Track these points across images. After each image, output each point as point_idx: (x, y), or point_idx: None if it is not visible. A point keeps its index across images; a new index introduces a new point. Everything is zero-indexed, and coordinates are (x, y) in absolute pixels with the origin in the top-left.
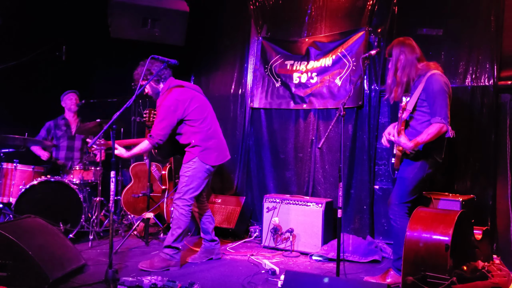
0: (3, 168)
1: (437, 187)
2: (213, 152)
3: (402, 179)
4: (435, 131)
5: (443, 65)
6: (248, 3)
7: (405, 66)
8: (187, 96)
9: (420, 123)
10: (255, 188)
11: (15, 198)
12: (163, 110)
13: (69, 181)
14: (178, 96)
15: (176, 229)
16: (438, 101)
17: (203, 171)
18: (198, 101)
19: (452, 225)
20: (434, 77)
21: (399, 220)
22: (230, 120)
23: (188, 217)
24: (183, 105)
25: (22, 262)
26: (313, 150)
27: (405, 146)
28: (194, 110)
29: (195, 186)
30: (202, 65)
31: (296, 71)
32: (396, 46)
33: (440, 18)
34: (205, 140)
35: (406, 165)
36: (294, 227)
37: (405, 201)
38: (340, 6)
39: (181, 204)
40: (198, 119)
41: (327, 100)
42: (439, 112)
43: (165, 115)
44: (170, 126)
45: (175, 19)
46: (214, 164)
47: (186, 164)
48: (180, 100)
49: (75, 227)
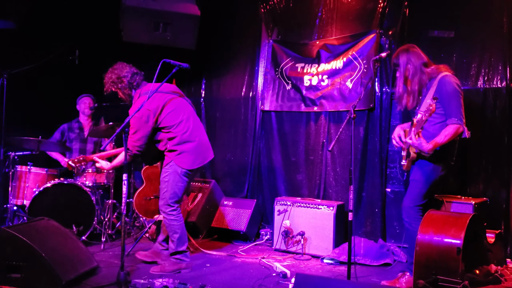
0: (17, 171)
1: (450, 190)
2: (190, 155)
3: (415, 182)
4: (452, 131)
5: (455, 67)
6: (259, 6)
7: (414, 74)
8: (158, 103)
9: (433, 125)
10: (266, 191)
11: (29, 201)
12: (135, 121)
13: (82, 183)
14: (148, 105)
15: (173, 235)
16: (453, 102)
17: (180, 174)
18: (172, 106)
19: (464, 228)
20: (446, 79)
21: (414, 223)
22: (241, 122)
23: (180, 220)
24: (154, 114)
25: (35, 264)
26: (324, 153)
27: (424, 148)
28: (167, 116)
29: (176, 191)
30: (213, 68)
31: (307, 74)
32: (401, 55)
33: (452, 20)
34: (180, 143)
35: (419, 168)
36: (305, 230)
37: (419, 203)
38: (351, 9)
39: (166, 210)
40: (172, 124)
41: (338, 102)
42: (455, 113)
43: (138, 126)
44: (145, 136)
45: (186, 23)
46: (191, 168)
47: (163, 169)
48: (151, 110)
49: (87, 229)
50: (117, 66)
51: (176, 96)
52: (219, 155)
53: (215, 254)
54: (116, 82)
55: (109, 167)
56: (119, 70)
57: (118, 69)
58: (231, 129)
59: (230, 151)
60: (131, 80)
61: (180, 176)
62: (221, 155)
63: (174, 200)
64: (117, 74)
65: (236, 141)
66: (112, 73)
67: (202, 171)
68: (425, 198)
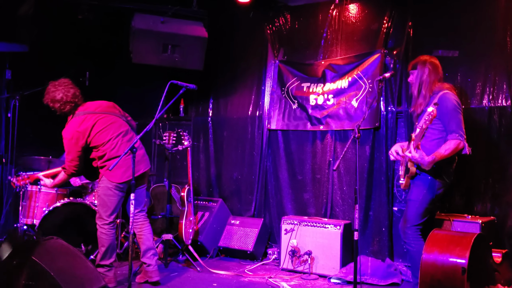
0: (28, 190)
1: (456, 209)
2: (118, 169)
3: (411, 202)
4: (452, 147)
5: (460, 86)
6: (265, 27)
7: (430, 82)
8: (88, 125)
9: (430, 141)
10: (273, 210)
11: (38, 220)
12: (66, 143)
13: (91, 203)
14: (77, 127)
15: (100, 248)
16: (454, 118)
17: (111, 188)
18: (101, 125)
19: (469, 248)
20: (447, 96)
21: (414, 243)
22: (248, 141)
23: (109, 235)
24: (83, 135)
25: (45, 282)
26: (331, 172)
27: (423, 161)
28: (96, 136)
29: (109, 205)
30: (220, 88)
31: (312, 93)
32: (423, 62)
33: (456, 40)
34: (109, 159)
35: (415, 187)
36: (312, 249)
37: (416, 223)
38: (356, 29)
39: (99, 223)
40: (101, 143)
41: (344, 121)
42: (456, 129)
43: (69, 148)
44: (76, 157)
45: (194, 45)
46: (120, 181)
47: (98, 184)
48: (80, 131)
49: (96, 248)
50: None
51: (107, 115)
52: (226, 174)
53: (222, 273)
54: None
55: (52, 184)
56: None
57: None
58: (238, 148)
59: (237, 170)
60: (62, 107)
61: (112, 190)
62: (228, 174)
63: (107, 214)
64: (51, 97)
65: (243, 159)
66: (48, 94)
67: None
68: (422, 218)
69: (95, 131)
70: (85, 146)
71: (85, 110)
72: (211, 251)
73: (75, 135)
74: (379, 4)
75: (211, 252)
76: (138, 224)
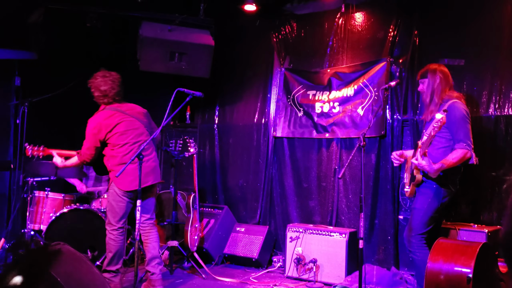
0: (35, 196)
1: (463, 218)
2: (127, 177)
3: (416, 210)
4: (460, 155)
5: (466, 95)
6: (271, 36)
7: (441, 90)
8: (113, 121)
9: (436, 149)
10: (278, 217)
11: (45, 226)
12: (88, 130)
13: (97, 209)
14: (103, 120)
15: (108, 253)
16: (462, 128)
17: (119, 195)
18: (125, 127)
19: (474, 257)
20: (456, 105)
21: (419, 251)
22: (254, 148)
23: (118, 241)
24: (105, 129)
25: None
26: (337, 179)
27: (430, 168)
28: (116, 135)
29: (117, 210)
30: (226, 96)
31: (318, 101)
32: (433, 71)
33: (462, 48)
34: (119, 164)
35: (420, 195)
36: (318, 257)
37: (421, 232)
38: (362, 38)
39: (108, 228)
40: (118, 144)
41: (349, 129)
42: (464, 139)
43: (89, 136)
44: (93, 147)
45: (201, 52)
46: (128, 189)
47: (108, 189)
48: (103, 124)
49: (102, 254)
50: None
51: (134, 120)
52: (231, 181)
53: (227, 281)
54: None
55: (62, 164)
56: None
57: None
58: (244, 155)
59: (243, 177)
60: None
61: (120, 196)
62: (233, 181)
63: (116, 220)
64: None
65: (248, 167)
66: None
67: (215, 196)
68: (427, 226)
69: (116, 130)
70: (103, 141)
71: (117, 107)
72: (216, 258)
73: (97, 126)
74: (385, 12)
75: (216, 259)
76: (145, 232)
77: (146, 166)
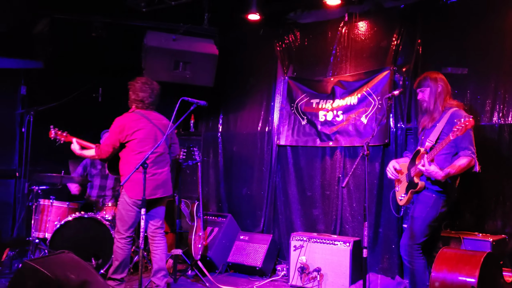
0: (40, 204)
1: (467, 227)
2: (137, 185)
3: (414, 219)
4: (466, 162)
5: (469, 103)
6: (275, 44)
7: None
8: (136, 125)
9: (437, 156)
10: (282, 226)
11: (50, 234)
12: (112, 128)
13: (101, 217)
14: (128, 121)
15: (114, 261)
16: (467, 135)
17: (129, 204)
18: (145, 134)
19: (478, 267)
20: (458, 113)
21: (416, 260)
22: (257, 157)
23: (125, 250)
24: (128, 130)
25: None
26: (340, 188)
27: (437, 174)
28: (135, 140)
29: (126, 219)
30: (230, 104)
31: (321, 109)
32: (434, 79)
33: (465, 57)
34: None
35: (418, 204)
36: (322, 266)
37: (419, 242)
38: (365, 47)
39: (117, 237)
40: (134, 149)
41: (353, 138)
42: (468, 146)
43: (111, 133)
44: (112, 144)
45: (205, 61)
46: (136, 197)
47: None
48: (127, 126)
49: (106, 262)
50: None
51: (156, 129)
52: (235, 189)
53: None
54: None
55: (79, 153)
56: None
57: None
58: (248, 163)
59: (247, 185)
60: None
61: (130, 205)
62: (237, 189)
63: (125, 228)
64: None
65: (252, 175)
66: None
67: (219, 205)
68: (424, 236)
69: (137, 136)
70: (122, 142)
71: (145, 113)
72: (220, 266)
73: (121, 126)
74: (388, 21)
75: (220, 268)
76: (155, 242)
77: (157, 179)
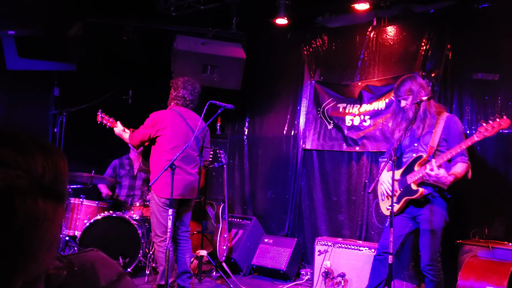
0: (71, 203)
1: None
2: (165, 184)
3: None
4: (465, 168)
5: (500, 110)
6: (302, 49)
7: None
8: (169, 121)
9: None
10: (307, 230)
11: (80, 232)
12: (147, 119)
13: (129, 217)
14: (163, 116)
15: (159, 267)
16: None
17: (160, 205)
18: (176, 131)
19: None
20: (455, 119)
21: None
22: (283, 160)
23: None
24: (160, 125)
25: None
26: (366, 194)
27: (446, 180)
28: (164, 136)
29: (161, 221)
30: (256, 107)
31: (348, 114)
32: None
33: (496, 63)
34: (158, 169)
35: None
36: (346, 271)
37: (437, 256)
38: (393, 51)
39: (156, 241)
40: (163, 145)
41: (380, 143)
42: (465, 153)
43: (145, 125)
44: (144, 136)
45: (232, 65)
46: (167, 196)
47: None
48: (161, 120)
49: (133, 261)
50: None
51: (188, 129)
52: (260, 192)
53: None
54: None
55: (118, 133)
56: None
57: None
58: (273, 166)
59: (272, 189)
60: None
61: (161, 206)
62: (262, 192)
63: (162, 231)
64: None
65: (277, 178)
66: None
67: (244, 207)
68: (440, 247)
69: (168, 132)
70: (153, 137)
71: (181, 112)
72: (244, 268)
73: (155, 120)
74: (417, 26)
75: (244, 270)
76: (180, 245)
77: (184, 179)
